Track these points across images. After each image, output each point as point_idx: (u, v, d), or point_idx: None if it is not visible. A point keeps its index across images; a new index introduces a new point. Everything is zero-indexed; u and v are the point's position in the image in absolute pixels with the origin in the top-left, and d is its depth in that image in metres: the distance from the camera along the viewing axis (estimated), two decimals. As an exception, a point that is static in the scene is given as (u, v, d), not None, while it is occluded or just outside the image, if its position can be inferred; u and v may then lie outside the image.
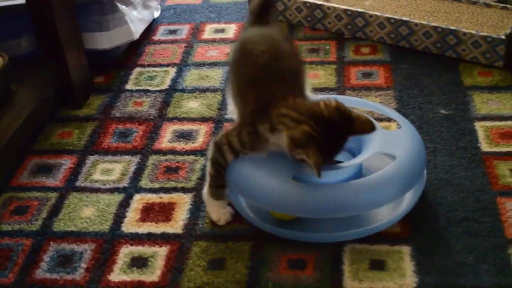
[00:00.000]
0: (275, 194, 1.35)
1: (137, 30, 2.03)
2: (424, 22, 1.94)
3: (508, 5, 2.01)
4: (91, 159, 1.67)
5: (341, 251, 1.36)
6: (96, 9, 1.90)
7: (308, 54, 2.02)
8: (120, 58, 2.04)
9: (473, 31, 1.88)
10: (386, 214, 1.41)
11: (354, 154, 1.48)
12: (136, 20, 2.03)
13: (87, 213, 1.50)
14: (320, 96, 1.55)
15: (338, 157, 1.53)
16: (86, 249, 1.41)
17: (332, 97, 1.52)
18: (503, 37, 1.84)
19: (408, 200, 1.42)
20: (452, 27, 1.91)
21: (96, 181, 1.59)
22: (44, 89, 1.79)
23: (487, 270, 1.30)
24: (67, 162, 1.66)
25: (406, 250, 1.35)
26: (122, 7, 1.96)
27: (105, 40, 1.93)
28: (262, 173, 1.37)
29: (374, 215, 1.41)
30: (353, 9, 2.05)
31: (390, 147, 1.42)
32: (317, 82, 1.88)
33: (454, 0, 2.08)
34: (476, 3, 2.06)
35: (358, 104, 1.60)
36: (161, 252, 1.39)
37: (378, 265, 1.32)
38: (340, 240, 1.37)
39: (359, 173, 1.44)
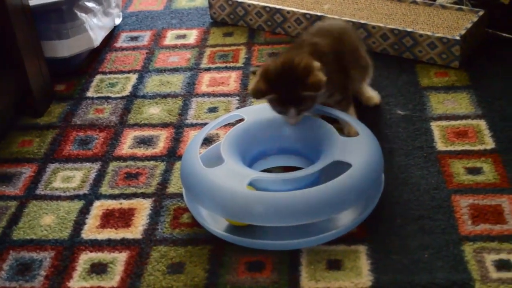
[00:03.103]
0: (227, 201, 1.36)
1: (97, 37, 2.03)
2: (382, 25, 1.97)
3: (463, 7, 2.05)
4: (51, 167, 1.67)
5: (299, 252, 1.37)
6: (55, 17, 1.90)
7: (269, 58, 2.04)
8: (81, 65, 2.05)
9: (429, 33, 1.91)
10: (344, 220, 1.42)
11: (312, 161, 1.50)
12: (96, 27, 2.03)
13: (47, 221, 1.51)
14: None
15: (296, 164, 1.56)
16: (46, 257, 1.41)
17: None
18: (458, 38, 1.87)
19: (366, 205, 1.44)
20: (409, 29, 1.94)
21: (56, 189, 1.60)
22: (4, 98, 1.79)
23: (441, 266, 1.32)
24: (27, 171, 1.66)
25: (362, 249, 1.37)
26: (82, 14, 1.96)
27: (65, 48, 1.94)
28: (216, 180, 1.38)
29: (332, 221, 1.42)
30: (312, 12, 2.08)
31: (347, 155, 1.43)
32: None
33: (411, 2, 2.11)
34: (432, 5, 2.09)
35: (317, 110, 1.62)
36: (120, 258, 1.40)
37: (334, 265, 1.34)
38: (297, 248, 1.38)
39: (316, 181, 1.46)
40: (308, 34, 1.68)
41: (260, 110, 1.60)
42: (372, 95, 1.80)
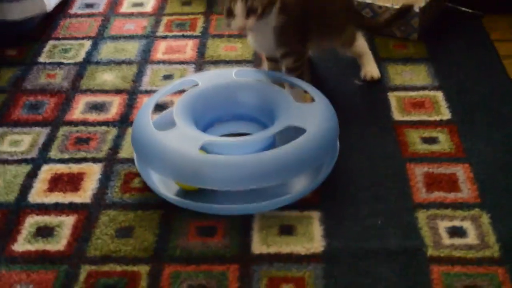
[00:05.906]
0: (179, 165, 1.33)
1: (50, 2, 1.98)
2: (341, -4, 1.95)
3: (423, -20, 2.04)
4: (-1, 131, 1.62)
5: (251, 217, 1.35)
6: (6, -22, 1.85)
7: (226, 28, 2.00)
8: (34, 31, 2.00)
9: (388, 5, 1.89)
10: (298, 186, 1.40)
11: (268, 127, 1.47)
12: (49, -8, 1.98)
13: (-8, 184, 1.46)
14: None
15: (251, 130, 1.54)
16: (-10, 220, 1.37)
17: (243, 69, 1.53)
18: (417, 10, 1.86)
19: (320, 171, 1.42)
20: (368, 1, 1.92)
21: (3, 153, 1.55)
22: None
23: (393, 233, 1.31)
24: (-26, 135, 1.61)
25: (315, 215, 1.35)
26: (35, -23, 1.91)
27: (16, 11, 1.88)
28: (168, 143, 1.35)
29: (285, 186, 1.40)
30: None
31: (301, 120, 1.41)
32: (235, 54, 1.87)
33: (371, -26, 2.09)
34: (392, -22, 2.08)
35: (273, 77, 1.60)
36: (67, 221, 1.36)
37: (287, 230, 1.32)
38: (249, 212, 1.36)
39: (271, 146, 1.43)
40: None
41: (215, 76, 1.58)
42: (369, 69, 1.75)
